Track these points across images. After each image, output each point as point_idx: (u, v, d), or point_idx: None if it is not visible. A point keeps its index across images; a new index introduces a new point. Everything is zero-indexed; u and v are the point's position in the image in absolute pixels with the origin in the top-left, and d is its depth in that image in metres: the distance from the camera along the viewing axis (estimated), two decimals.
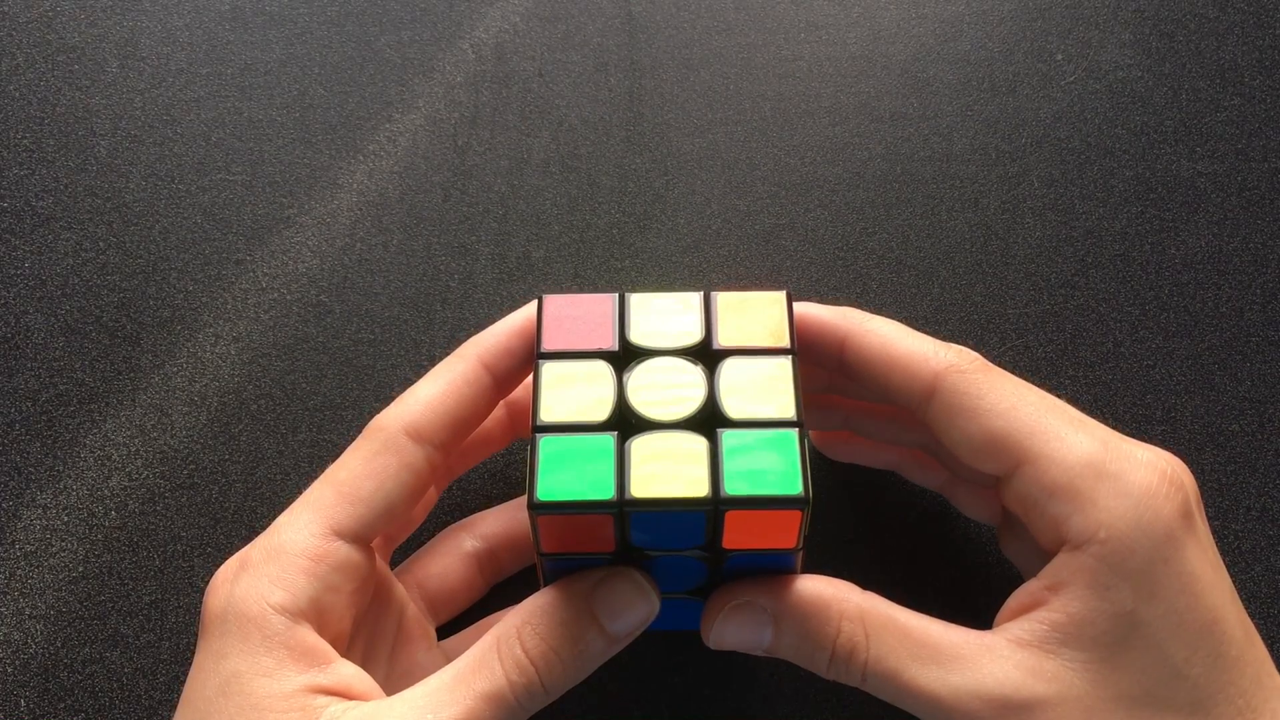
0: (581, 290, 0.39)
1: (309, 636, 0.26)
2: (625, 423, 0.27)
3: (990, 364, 0.28)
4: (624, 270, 0.40)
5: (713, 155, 0.42)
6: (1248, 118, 0.42)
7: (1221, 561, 0.27)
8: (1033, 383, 0.29)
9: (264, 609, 0.26)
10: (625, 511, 0.25)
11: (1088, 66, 0.43)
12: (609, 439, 0.26)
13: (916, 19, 0.44)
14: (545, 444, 0.26)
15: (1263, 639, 0.27)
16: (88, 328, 0.39)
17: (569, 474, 0.25)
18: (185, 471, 0.37)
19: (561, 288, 0.39)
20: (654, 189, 0.41)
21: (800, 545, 0.27)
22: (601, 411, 0.27)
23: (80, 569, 0.35)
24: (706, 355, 0.28)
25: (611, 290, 0.30)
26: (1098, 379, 0.38)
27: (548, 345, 0.28)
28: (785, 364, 0.28)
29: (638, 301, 0.29)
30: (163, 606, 0.35)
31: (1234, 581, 0.35)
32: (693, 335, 0.28)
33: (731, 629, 0.28)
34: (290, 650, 0.26)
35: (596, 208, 0.41)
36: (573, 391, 0.27)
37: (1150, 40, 0.44)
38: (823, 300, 0.31)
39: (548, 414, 0.27)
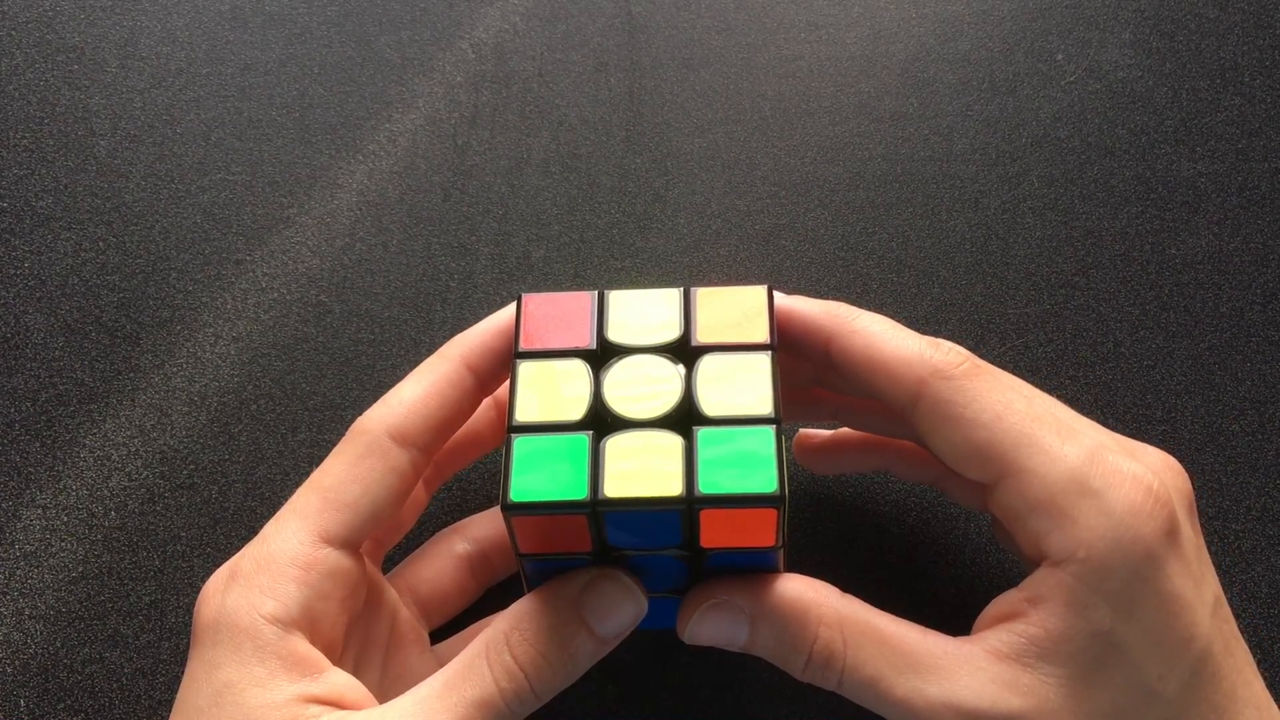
0: (580, 290, 0.39)
1: (301, 646, 0.26)
2: (601, 421, 0.26)
3: (980, 363, 0.28)
4: (624, 270, 0.40)
5: (713, 155, 0.42)
6: (1248, 118, 0.42)
7: (1206, 572, 0.27)
8: (1032, 383, 0.29)
9: (255, 619, 0.26)
10: (599, 511, 0.25)
11: (1088, 66, 0.43)
12: (583, 438, 0.26)
13: (916, 19, 0.44)
14: (519, 444, 0.26)
15: (1263, 639, 0.27)
16: (88, 328, 0.39)
17: (543, 474, 0.25)
18: (185, 471, 0.37)
19: (561, 288, 0.39)
20: (654, 189, 0.41)
21: (780, 543, 0.27)
22: (577, 410, 0.27)
23: (80, 569, 0.35)
24: (685, 352, 0.28)
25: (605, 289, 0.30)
26: (1098, 379, 0.38)
27: (526, 344, 0.28)
28: (763, 360, 0.27)
29: (617, 299, 0.29)
30: (162, 606, 0.35)
31: (1234, 581, 0.35)
32: (671, 332, 0.28)
33: (707, 627, 0.28)
34: (283, 660, 0.26)
35: (596, 208, 0.41)
36: (549, 390, 0.27)
37: (1150, 40, 0.44)
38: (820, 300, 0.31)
39: (523, 414, 0.27)
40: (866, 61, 0.44)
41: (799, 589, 0.28)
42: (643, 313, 0.28)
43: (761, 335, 0.28)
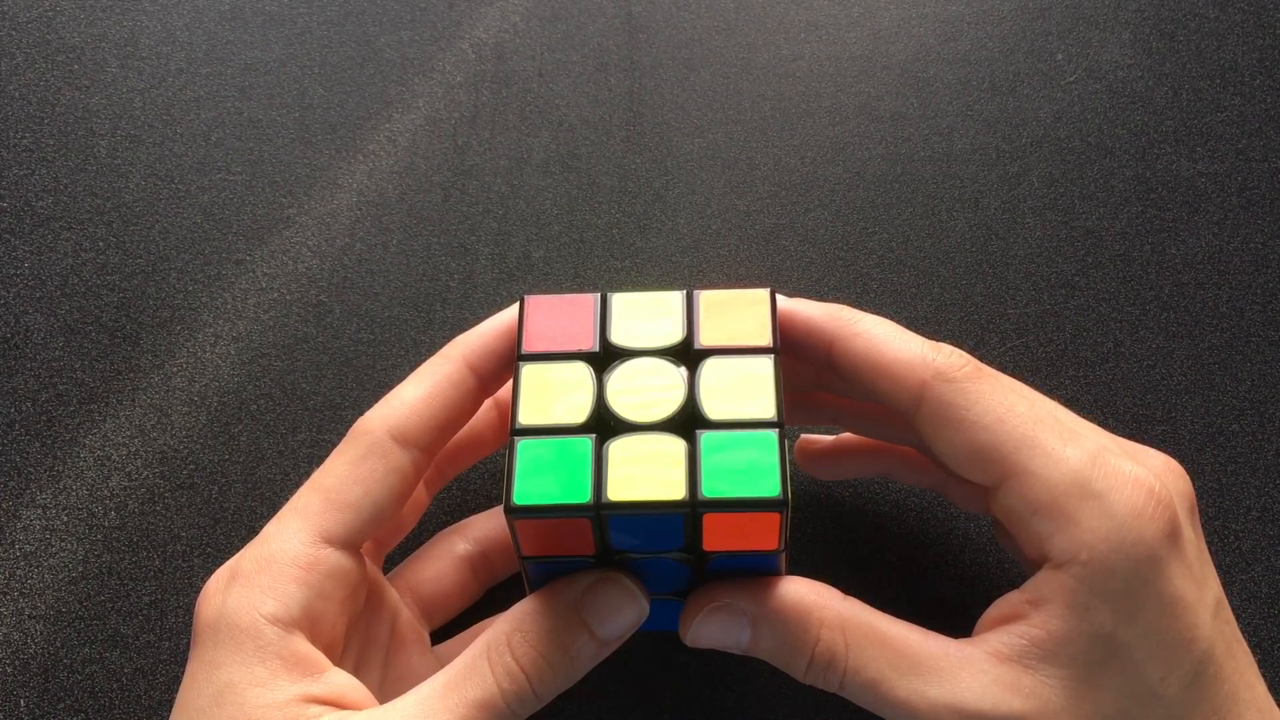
0: (580, 291, 0.39)
1: (302, 646, 0.26)
2: (604, 425, 0.26)
3: (982, 366, 0.28)
4: (624, 270, 0.40)
5: (713, 155, 0.42)
6: (1248, 118, 0.42)
7: (1208, 574, 0.27)
8: (1032, 383, 0.29)
9: (256, 619, 0.26)
10: (602, 515, 0.25)
11: (1088, 66, 0.43)
12: (587, 442, 0.26)
13: (916, 19, 0.44)
14: (523, 447, 0.26)
15: (1263, 639, 0.27)
16: (88, 328, 0.39)
17: (546, 477, 0.25)
18: (185, 471, 0.37)
19: (561, 288, 0.39)
20: (654, 189, 0.41)
21: (782, 547, 0.27)
22: (580, 414, 0.26)
23: (80, 569, 0.35)
24: (688, 355, 0.28)
25: (606, 290, 0.30)
26: (1098, 379, 0.38)
27: (528, 347, 0.28)
28: (766, 363, 0.27)
29: (620, 301, 0.29)
30: (163, 606, 0.35)
31: (1234, 582, 0.35)
32: (674, 335, 0.28)
33: (709, 629, 0.28)
34: (284, 660, 0.26)
35: (596, 208, 0.41)
36: (552, 394, 0.27)
37: (1150, 40, 0.44)
38: (820, 300, 0.31)
39: (526, 417, 0.26)
40: (866, 61, 0.44)
41: (801, 591, 0.28)
42: (645, 315, 0.28)
43: (764, 339, 0.28)
